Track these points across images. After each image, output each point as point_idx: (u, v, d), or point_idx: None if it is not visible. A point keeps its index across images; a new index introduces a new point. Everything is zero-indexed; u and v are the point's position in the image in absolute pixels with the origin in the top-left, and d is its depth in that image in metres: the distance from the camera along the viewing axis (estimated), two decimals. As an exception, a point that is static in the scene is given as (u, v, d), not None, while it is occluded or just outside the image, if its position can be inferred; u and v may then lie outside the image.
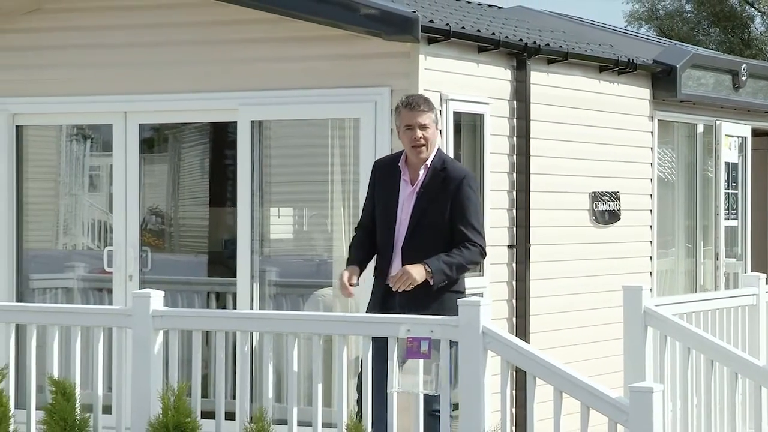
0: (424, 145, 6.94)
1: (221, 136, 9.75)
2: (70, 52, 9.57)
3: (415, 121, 6.94)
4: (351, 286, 6.93)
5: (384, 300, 6.97)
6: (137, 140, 9.50)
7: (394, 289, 6.74)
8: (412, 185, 7.00)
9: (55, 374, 7.27)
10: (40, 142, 10.11)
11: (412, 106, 6.97)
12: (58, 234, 10.23)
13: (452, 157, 8.90)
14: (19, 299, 9.69)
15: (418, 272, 6.73)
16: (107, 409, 7.48)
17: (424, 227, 6.93)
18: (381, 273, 7.04)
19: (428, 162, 6.99)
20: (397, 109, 7.07)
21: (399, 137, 7.10)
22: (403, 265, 6.88)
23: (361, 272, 7.00)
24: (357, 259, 7.05)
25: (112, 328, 7.54)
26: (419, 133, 6.93)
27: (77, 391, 7.21)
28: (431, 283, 6.78)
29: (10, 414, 7.34)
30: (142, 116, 9.50)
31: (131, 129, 9.49)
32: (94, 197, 10.18)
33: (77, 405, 7.17)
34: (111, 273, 9.52)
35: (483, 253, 7.00)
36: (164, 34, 9.32)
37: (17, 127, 9.81)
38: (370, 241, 7.11)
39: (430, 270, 6.77)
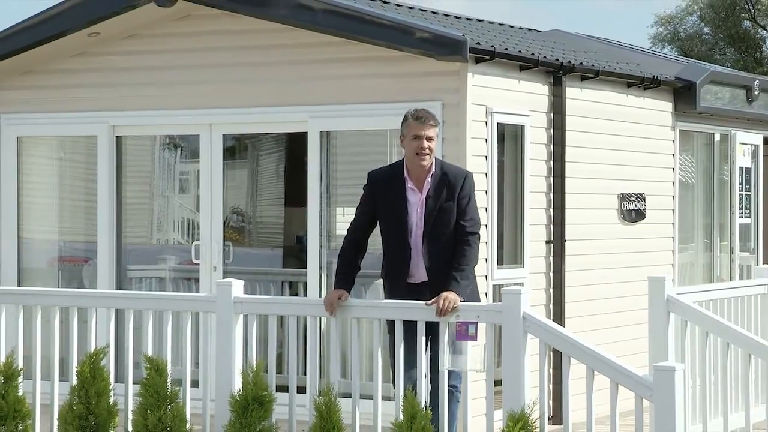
0: (427, 154, 6.86)
1: (293, 145, 9.76)
2: (163, 72, 9.63)
3: (424, 132, 6.84)
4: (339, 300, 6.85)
5: (410, 299, 6.87)
6: (221, 148, 9.53)
7: (442, 316, 6.61)
8: (420, 193, 6.89)
9: (150, 353, 7.31)
10: (136, 150, 10.17)
11: (423, 119, 6.86)
12: (152, 230, 10.29)
13: (497, 162, 8.90)
14: (118, 287, 9.76)
15: (453, 296, 6.62)
16: (194, 383, 7.51)
17: (438, 228, 6.84)
18: (398, 277, 6.94)
19: (432, 170, 6.89)
20: (406, 119, 6.91)
21: (402, 144, 6.95)
22: (427, 264, 6.83)
23: (348, 292, 6.91)
24: (347, 282, 6.93)
25: (198, 313, 7.57)
26: (426, 143, 6.84)
27: (168, 367, 7.24)
28: (463, 299, 6.69)
29: (111, 387, 7.39)
30: (225, 127, 9.53)
31: (216, 139, 9.53)
32: (183, 198, 10.23)
33: (168, 379, 7.19)
34: (198, 264, 9.56)
35: (479, 239, 6.90)
36: (244, 56, 9.35)
37: (117, 137, 9.87)
38: (359, 251, 7.02)
39: (458, 292, 6.67)
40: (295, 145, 9.71)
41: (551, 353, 7.50)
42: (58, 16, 9.58)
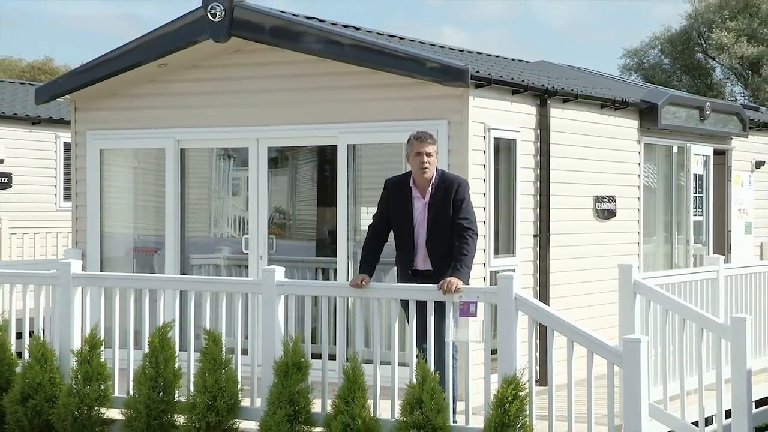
0: (428, 167, 6.90)
1: (325, 156, 9.75)
2: (219, 96, 9.63)
3: (423, 149, 6.92)
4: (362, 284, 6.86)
5: (415, 282, 6.89)
6: (266, 159, 9.53)
7: (446, 294, 6.61)
8: (424, 199, 6.93)
9: (208, 326, 7.32)
10: (197, 160, 10.17)
11: (421, 139, 6.96)
12: (210, 226, 10.29)
13: (493, 170, 8.87)
14: (182, 273, 9.76)
15: (456, 280, 6.63)
16: (244, 352, 7.51)
17: (438, 227, 6.88)
18: (405, 265, 6.97)
19: (433, 180, 6.92)
20: (409, 140, 7.00)
21: (408, 161, 7.03)
22: (430, 256, 6.87)
23: (370, 277, 6.90)
24: (369, 268, 6.94)
25: (248, 294, 7.58)
26: (425, 158, 6.90)
27: (223, 338, 7.25)
28: (466, 283, 6.68)
29: (176, 354, 7.41)
30: (269, 141, 9.53)
31: (262, 151, 9.53)
32: (235, 200, 10.23)
33: (223, 348, 7.21)
34: (247, 254, 9.55)
35: (475, 235, 6.87)
36: (285, 83, 9.35)
37: (181, 149, 9.88)
38: (380, 243, 7.02)
39: (461, 277, 6.67)
40: (326, 155, 9.70)
41: (538, 327, 7.48)
42: (134, 50, 9.60)
